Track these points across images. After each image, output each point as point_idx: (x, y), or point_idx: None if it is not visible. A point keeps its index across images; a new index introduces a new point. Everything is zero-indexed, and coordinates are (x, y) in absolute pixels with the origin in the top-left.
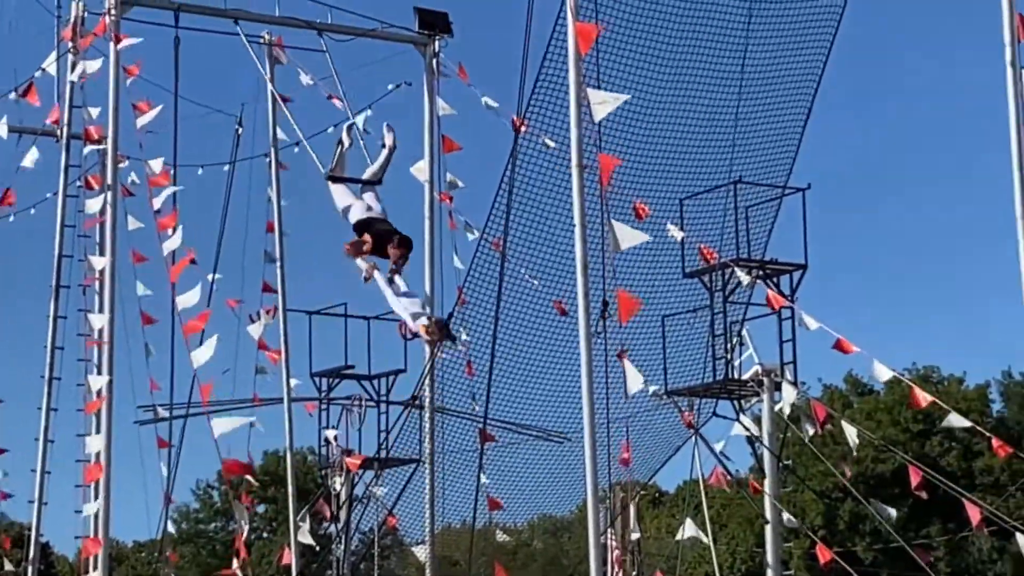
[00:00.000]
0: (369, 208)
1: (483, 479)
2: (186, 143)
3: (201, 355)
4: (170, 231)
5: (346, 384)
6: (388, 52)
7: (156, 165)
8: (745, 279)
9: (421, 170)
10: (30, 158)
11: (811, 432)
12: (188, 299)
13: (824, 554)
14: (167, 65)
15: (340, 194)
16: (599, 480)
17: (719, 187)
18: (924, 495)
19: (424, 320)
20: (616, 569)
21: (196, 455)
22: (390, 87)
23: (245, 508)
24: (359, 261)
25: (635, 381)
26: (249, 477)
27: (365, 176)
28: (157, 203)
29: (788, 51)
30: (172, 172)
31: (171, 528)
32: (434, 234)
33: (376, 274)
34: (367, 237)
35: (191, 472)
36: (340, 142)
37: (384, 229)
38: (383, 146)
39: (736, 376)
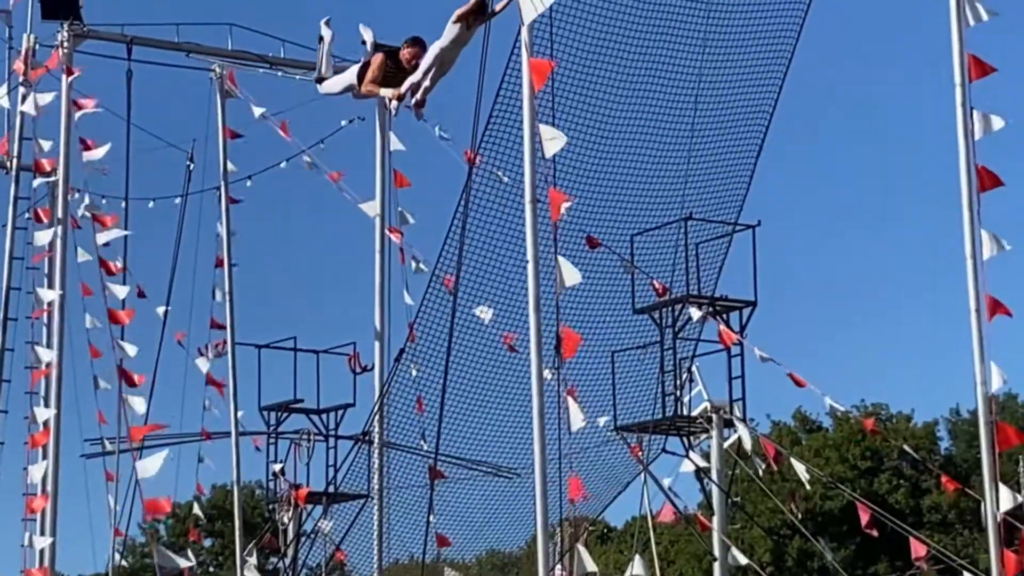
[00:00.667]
0: None
1: (431, 517)
2: (139, 173)
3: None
4: (119, 276)
5: (295, 418)
6: None
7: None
8: (696, 315)
9: (372, 206)
10: None
11: (763, 467)
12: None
13: None
14: (122, 97)
15: (336, 81)
16: (549, 516)
17: (670, 223)
18: (875, 532)
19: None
20: None
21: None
22: (343, 123)
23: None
24: (381, 91)
25: (578, 418)
26: (197, 511)
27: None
28: (103, 237)
29: (741, 88)
30: (123, 211)
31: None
32: (384, 270)
33: (404, 84)
34: (375, 56)
35: (137, 506)
36: (321, 39)
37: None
38: (363, 43)
39: (685, 412)
